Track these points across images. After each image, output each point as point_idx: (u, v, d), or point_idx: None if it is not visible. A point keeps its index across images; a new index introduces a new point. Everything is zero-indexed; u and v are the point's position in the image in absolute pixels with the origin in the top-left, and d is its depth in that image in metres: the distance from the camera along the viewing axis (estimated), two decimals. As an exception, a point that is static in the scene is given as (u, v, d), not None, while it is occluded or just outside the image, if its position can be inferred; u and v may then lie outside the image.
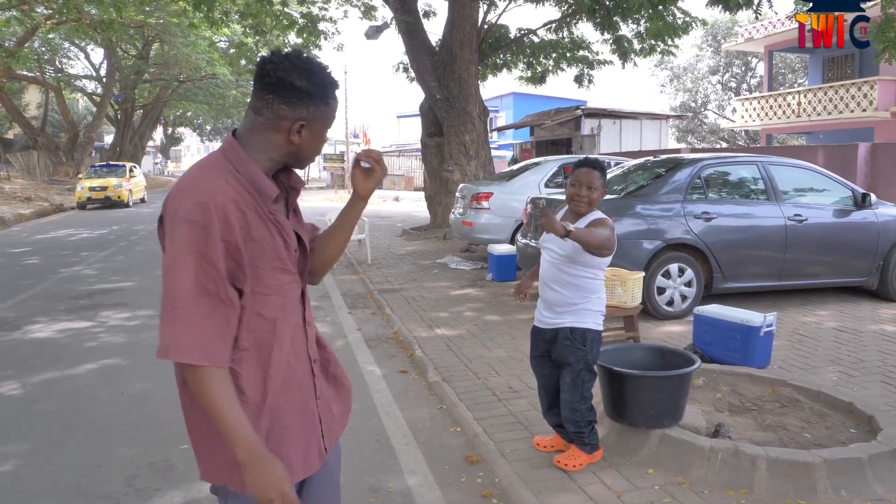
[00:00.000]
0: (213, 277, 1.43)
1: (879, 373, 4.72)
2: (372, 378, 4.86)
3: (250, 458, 1.42)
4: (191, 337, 1.40)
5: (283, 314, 1.58)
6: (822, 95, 21.89)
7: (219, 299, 1.44)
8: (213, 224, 1.42)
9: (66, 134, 33.39)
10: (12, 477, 3.39)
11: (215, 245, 1.42)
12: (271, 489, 1.43)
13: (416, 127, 21.12)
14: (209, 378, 1.41)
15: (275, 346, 1.56)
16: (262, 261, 1.52)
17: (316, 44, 15.12)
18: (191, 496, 3.15)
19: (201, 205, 1.42)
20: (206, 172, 1.50)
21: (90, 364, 5.28)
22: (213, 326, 1.43)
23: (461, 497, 3.15)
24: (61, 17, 20.18)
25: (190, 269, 1.41)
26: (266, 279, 1.53)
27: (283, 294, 1.58)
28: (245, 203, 1.49)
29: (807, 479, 3.00)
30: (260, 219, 1.52)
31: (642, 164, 7.47)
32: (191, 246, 1.41)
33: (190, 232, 1.41)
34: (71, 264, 10.33)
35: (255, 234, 1.50)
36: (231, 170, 1.51)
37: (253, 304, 1.52)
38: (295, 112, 1.52)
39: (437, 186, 13.40)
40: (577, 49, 14.96)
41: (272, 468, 1.44)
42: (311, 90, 1.52)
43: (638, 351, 3.75)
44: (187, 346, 1.40)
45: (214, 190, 1.45)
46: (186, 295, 1.41)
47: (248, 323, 1.52)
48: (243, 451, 1.42)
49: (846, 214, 6.84)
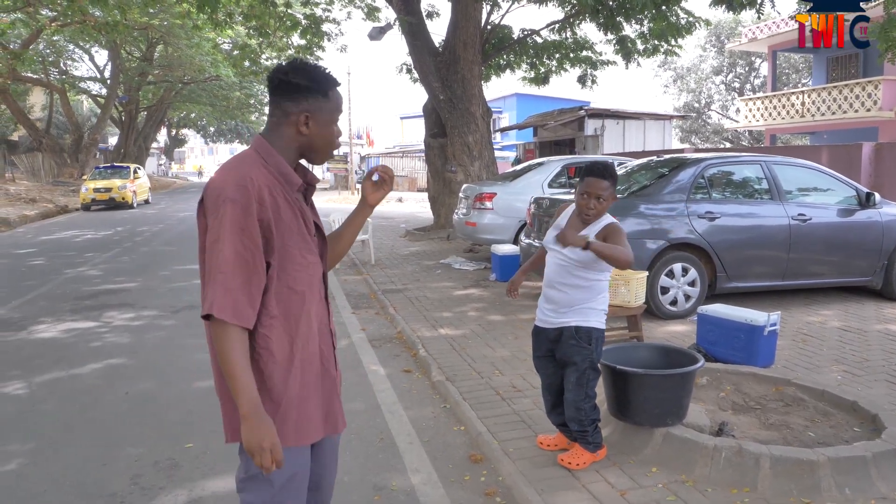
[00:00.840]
0: (251, 249, 1.67)
1: (884, 372, 4.71)
2: (376, 377, 4.86)
3: (250, 412, 1.63)
4: (227, 298, 1.64)
5: (311, 290, 1.83)
6: (825, 95, 21.83)
7: (255, 269, 1.68)
8: (251, 204, 1.67)
9: (71, 136, 33.49)
10: (17, 475, 3.41)
11: (253, 222, 1.67)
12: (264, 439, 1.63)
13: (419, 128, 21.16)
14: (232, 337, 1.64)
15: (302, 316, 1.80)
16: (291, 240, 1.76)
17: (319, 45, 15.15)
18: (195, 494, 3.16)
19: (241, 188, 1.68)
20: (242, 163, 1.76)
21: (95, 364, 5.30)
22: (246, 293, 1.67)
23: (465, 495, 3.16)
24: (66, 19, 20.25)
25: (232, 242, 1.65)
26: (295, 257, 1.78)
27: (310, 272, 1.82)
28: (275, 189, 1.75)
29: (810, 477, 3.00)
30: (288, 204, 1.77)
31: (646, 163, 7.46)
32: (234, 222, 1.65)
33: (233, 210, 1.66)
34: (76, 265, 10.36)
35: (284, 216, 1.75)
36: (262, 162, 1.77)
37: (284, 278, 1.76)
38: (299, 106, 1.76)
39: (441, 187, 13.41)
40: (581, 49, 14.95)
41: (268, 424, 1.65)
42: (308, 85, 1.75)
43: (642, 350, 3.75)
44: (223, 305, 1.63)
45: (251, 176, 1.71)
46: (227, 264, 1.65)
47: (278, 294, 1.76)
48: (246, 405, 1.63)
49: (850, 214, 6.82)
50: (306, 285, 1.81)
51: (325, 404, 1.88)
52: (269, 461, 1.65)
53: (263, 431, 1.64)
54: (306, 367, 1.82)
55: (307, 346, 1.82)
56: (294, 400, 1.79)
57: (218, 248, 1.66)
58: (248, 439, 1.64)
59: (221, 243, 1.65)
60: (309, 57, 15.09)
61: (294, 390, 1.79)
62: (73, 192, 25.84)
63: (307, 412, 1.82)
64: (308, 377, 1.82)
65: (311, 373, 1.83)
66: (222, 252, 1.65)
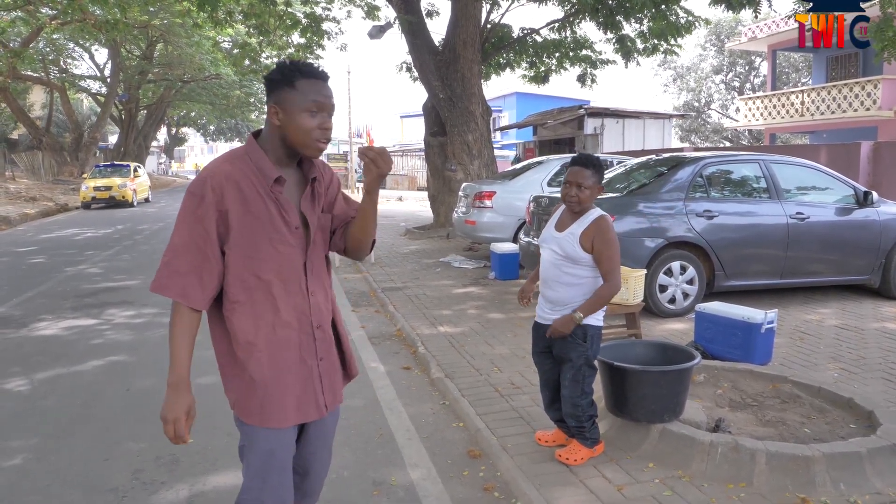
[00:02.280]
0: (202, 236, 1.81)
1: (880, 370, 4.74)
2: (375, 375, 4.89)
3: (173, 384, 1.82)
4: (174, 278, 1.81)
5: (280, 278, 1.89)
6: (825, 95, 21.85)
7: (205, 255, 1.82)
8: (206, 195, 1.80)
9: (71, 134, 33.48)
10: (20, 471, 3.44)
11: (206, 211, 1.80)
12: (170, 412, 1.81)
13: (419, 127, 21.16)
14: (178, 314, 1.82)
15: (268, 303, 1.89)
16: (259, 230, 1.85)
17: (319, 44, 15.15)
18: (196, 489, 3.19)
19: (201, 180, 1.82)
20: (221, 159, 1.89)
21: (96, 361, 5.32)
22: (195, 274, 1.81)
23: (463, 491, 3.18)
24: (66, 17, 20.26)
25: (184, 229, 1.82)
26: (262, 247, 1.86)
27: (279, 262, 1.89)
28: (247, 184, 1.84)
29: (806, 473, 3.02)
30: (260, 197, 1.85)
31: (644, 162, 7.49)
32: (188, 211, 1.81)
33: (190, 201, 1.82)
34: (76, 263, 10.39)
35: (253, 208, 1.84)
36: (245, 157, 1.88)
37: (250, 266, 1.86)
38: (270, 98, 1.87)
39: (441, 186, 13.43)
40: (580, 48, 14.96)
41: (183, 401, 1.82)
42: (277, 78, 1.85)
43: (639, 347, 3.77)
44: (169, 284, 1.81)
45: (219, 169, 1.84)
46: (179, 247, 1.81)
47: (243, 281, 1.86)
48: (170, 376, 1.82)
49: (848, 213, 6.85)
50: (273, 274, 1.88)
51: (299, 392, 1.94)
52: (172, 432, 1.81)
53: (172, 405, 1.81)
54: (275, 352, 1.89)
55: (275, 332, 1.89)
56: (259, 382, 1.88)
57: (175, 232, 1.83)
58: (162, 410, 1.82)
59: (177, 228, 1.82)
60: (309, 56, 15.11)
61: (259, 372, 1.88)
62: (73, 191, 25.85)
63: (274, 395, 1.90)
64: (278, 362, 1.90)
65: (283, 359, 1.91)
66: (173, 238, 1.83)
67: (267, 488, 1.93)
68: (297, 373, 1.93)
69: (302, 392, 1.94)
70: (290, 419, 1.93)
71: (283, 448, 1.94)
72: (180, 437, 1.81)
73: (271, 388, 1.89)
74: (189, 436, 1.86)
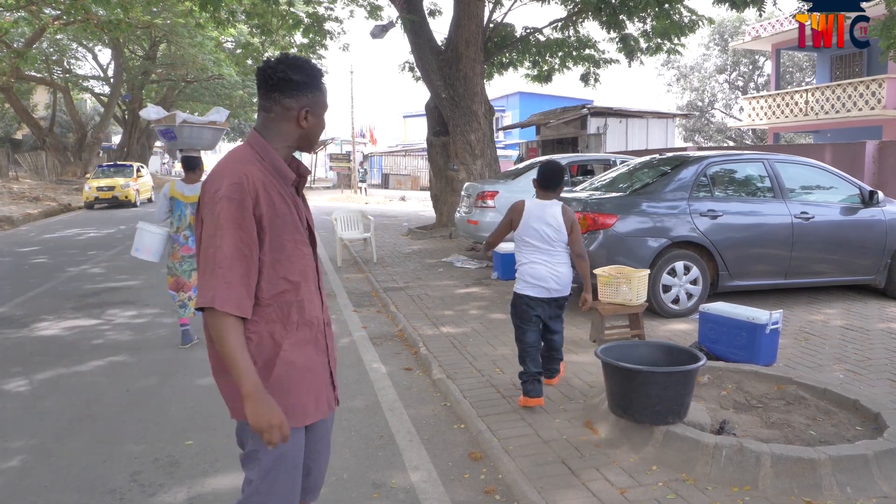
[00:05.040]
0: (248, 244, 1.75)
1: (886, 371, 4.69)
2: (377, 375, 4.86)
3: (253, 392, 1.70)
4: (228, 291, 1.71)
5: (305, 279, 1.90)
6: (829, 94, 21.77)
7: (251, 263, 1.76)
8: (246, 200, 1.75)
9: (74, 134, 33.56)
10: (20, 471, 3.41)
11: (249, 217, 1.75)
12: (272, 417, 1.71)
13: (422, 127, 21.15)
14: (232, 326, 1.72)
15: (294, 304, 1.88)
16: (286, 234, 1.84)
17: (322, 43, 15.14)
18: (195, 492, 3.16)
19: (237, 185, 1.75)
20: (237, 161, 1.82)
21: (97, 361, 5.30)
22: (246, 285, 1.75)
23: (464, 493, 3.15)
24: (69, 17, 20.26)
25: (230, 238, 1.72)
26: (289, 249, 1.85)
27: (304, 263, 1.90)
28: (270, 185, 1.82)
29: (812, 476, 2.98)
30: (282, 199, 1.85)
31: (648, 161, 7.44)
32: (231, 219, 1.73)
33: (229, 207, 1.73)
34: (78, 263, 10.38)
35: (279, 211, 1.83)
36: (257, 158, 1.84)
37: (279, 269, 1.83)
38: (299, 102, 1.84)
39: (443, 185, 13.40)
40: (584, 48, 14.91)
41: (270, 403, 1.73)
42: (306, 81, 1.84)
43: (643, 348, 3.74)
44: (225, 298, 1.70)
45: (246, 173, 1.78)
46: (226, 259, 1.72)
47: (273, 283, 1.83)
48: (247, 385, 1.70)
49: (853, 212, 6.80)
50: (301, 276, 1.89)
51: (316, 389, 1.96)
52: (278, 437, 1.73)
53: (267, 409, 1.72)
54: (297, 353, 1.89)
55: (298, 333, 1.89)
56: (285, 383, 1.87)
57: (216, 243, 1.72)
58: (255, 419, 1.71)
59: (220, 239, 1.72)
60: (311, 55, 15.10)
61: (284, 374, 1.86)
62: (76, 191, 25.89)
63: (298, 396, 1.90)
64: (300, 362, 1.90)
65: (304, 358, 1.91)
66: (221, 248, 1.72)
67: (274, 491, 1.92)
68: (315, 371, 1.95)
69: (318, 390, 1.97)
70: (310, 416, 1.95)
71: (297, 448, 1.95)
72: (285, 436, 1.76)
73: (298, 388, 1.90)
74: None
